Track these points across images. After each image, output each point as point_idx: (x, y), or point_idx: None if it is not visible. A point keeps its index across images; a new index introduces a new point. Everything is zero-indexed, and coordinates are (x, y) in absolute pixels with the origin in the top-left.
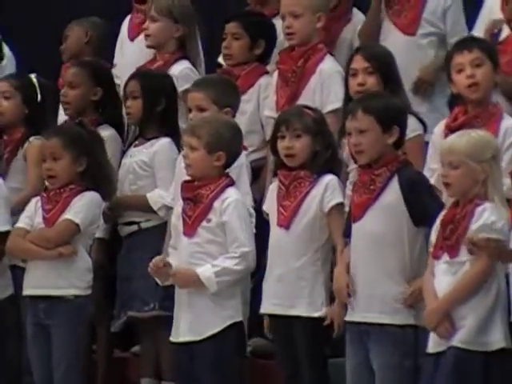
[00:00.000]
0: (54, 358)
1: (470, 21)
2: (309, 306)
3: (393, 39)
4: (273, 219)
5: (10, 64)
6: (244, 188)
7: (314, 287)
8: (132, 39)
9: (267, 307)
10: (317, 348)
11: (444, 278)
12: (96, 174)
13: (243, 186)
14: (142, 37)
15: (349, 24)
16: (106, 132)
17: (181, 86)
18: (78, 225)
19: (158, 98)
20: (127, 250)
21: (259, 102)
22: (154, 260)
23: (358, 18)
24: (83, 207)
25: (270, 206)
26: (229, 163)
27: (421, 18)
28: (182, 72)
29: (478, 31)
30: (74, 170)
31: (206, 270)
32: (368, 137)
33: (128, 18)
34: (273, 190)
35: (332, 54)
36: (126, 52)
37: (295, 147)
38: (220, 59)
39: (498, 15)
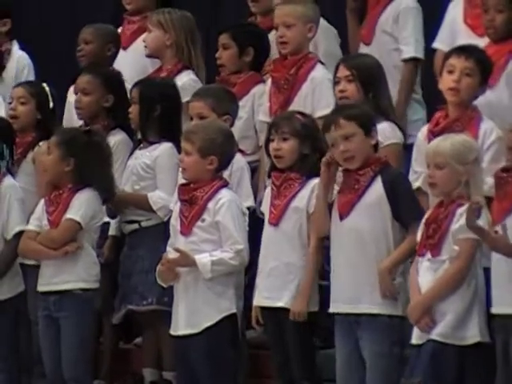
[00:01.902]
0: (62, 349)
1: (433, 32)
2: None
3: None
4: (266, 217)
5: (30, 72)
6: (246, 190)
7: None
8: (125, 48)
9: (258, 300)
10: (305, 340)
11: (426, 274)
12: (84, 175)
13: (245, 188)
14: (134, 46)
15: None
16: (118, 136)
17: (185, 97)
18: (79, 222)
19: (153, 105)
20: (128, 247)
21: (253, 109)
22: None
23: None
24: (82, 205)
25: (265, 205)
26: (222, 166)
27: (375, 27)
28: (185, 84)
29: (441, 42)
30: (62, 167)
31: (203, 257)
32: (355, 141)
33: (119, 29)
34: (268, 192)
35: (322, 63)
36: (119, 61)
37: (282, 149)
38: None
39: (461, 26)
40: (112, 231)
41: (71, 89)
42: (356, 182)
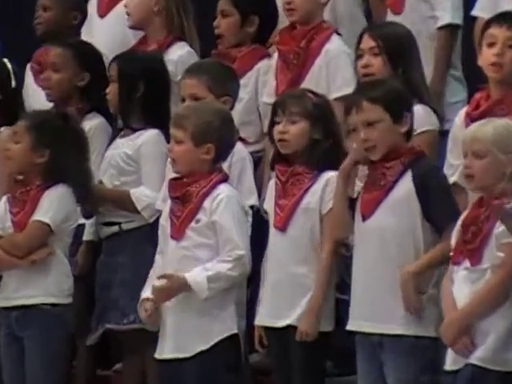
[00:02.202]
0: (27, 372)
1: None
2: None
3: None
4: (271, 220)
5: None
6: (248, 185)
7: None
8: (102, 16)
9: (261, 319)
10: (313, 363)
11: (464, 286)
12: (58, 169)
13: (247, 183)
14: (112, 13)
15: None
16: (94, 121)
17: (180, 73)
18: (48, 225)
19: (135, 83)
20: (106, 253)
21: (257, 88)
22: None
23: None
24: (52, 204)
25: (269, 204)
26: (220, 156)
27: None
28: (181, 57)
29: (482, 9)
30: (33, 158)
31: (196, 275)
32: (378, 129)
33: None
34: (272, 186)
35: (339, 34)
36: (95, 30)
37: (289, 132)
38: None
39: None
40: (87, 235)
41: (28, 67)
42: (382, 177)
